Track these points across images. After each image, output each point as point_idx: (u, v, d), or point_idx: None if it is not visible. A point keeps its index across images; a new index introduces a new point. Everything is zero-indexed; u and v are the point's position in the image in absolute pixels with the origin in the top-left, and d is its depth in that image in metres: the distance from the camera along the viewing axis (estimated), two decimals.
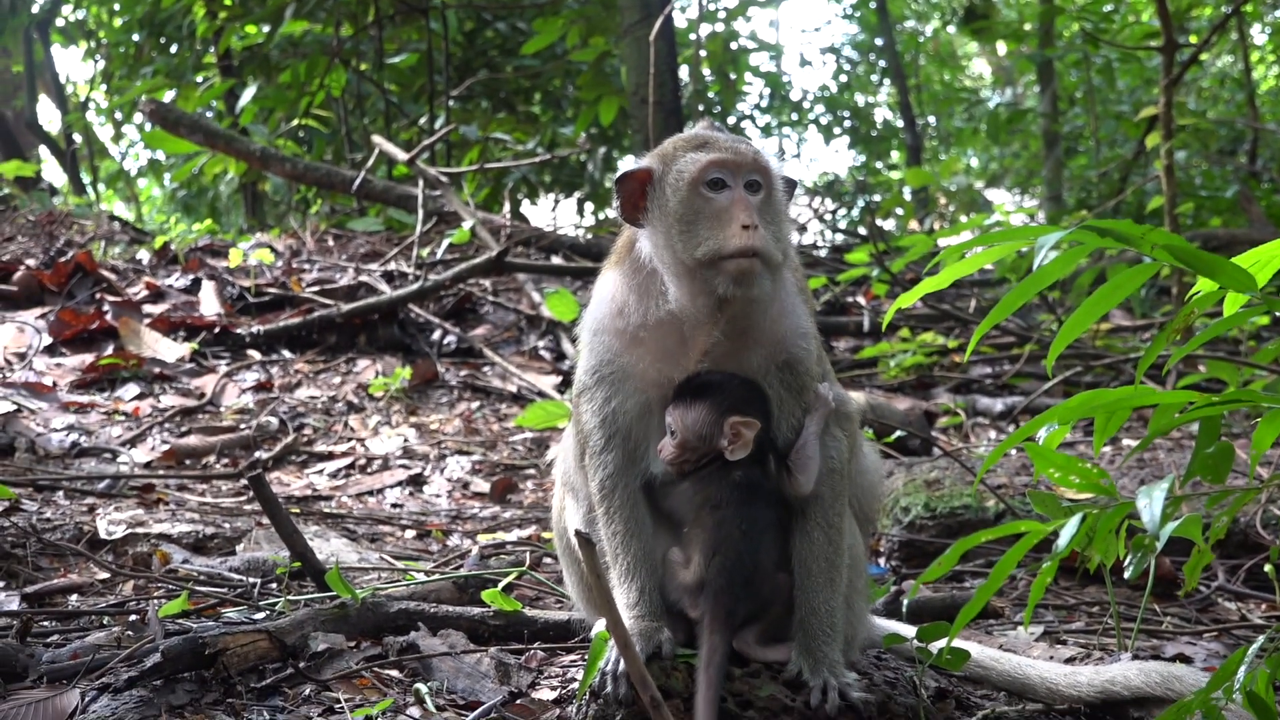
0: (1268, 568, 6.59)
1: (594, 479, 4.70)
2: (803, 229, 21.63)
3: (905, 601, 5.79)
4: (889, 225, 26.88)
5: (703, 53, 30.31)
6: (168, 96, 23.34)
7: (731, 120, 33.27)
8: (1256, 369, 9.16)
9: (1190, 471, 3.56)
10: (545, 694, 5.15)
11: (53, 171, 30.01)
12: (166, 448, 10.02)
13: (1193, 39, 16.55)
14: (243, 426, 10.76)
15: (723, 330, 4.57)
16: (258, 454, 10.16)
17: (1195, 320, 3.51)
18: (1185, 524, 3.67)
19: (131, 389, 11.54)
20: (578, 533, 3.91)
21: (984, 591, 3.49)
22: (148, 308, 13.71)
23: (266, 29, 23.13)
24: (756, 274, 4.45)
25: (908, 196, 29.13)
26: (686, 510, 4.58)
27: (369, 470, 10.13)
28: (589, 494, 4.78)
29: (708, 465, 4.57)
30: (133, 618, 5.89)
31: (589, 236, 18.58)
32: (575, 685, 5.00)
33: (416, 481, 9.93)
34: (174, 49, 25.61)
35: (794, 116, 37.67)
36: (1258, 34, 28.66)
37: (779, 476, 4.60)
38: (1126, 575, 3.63)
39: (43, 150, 30.46)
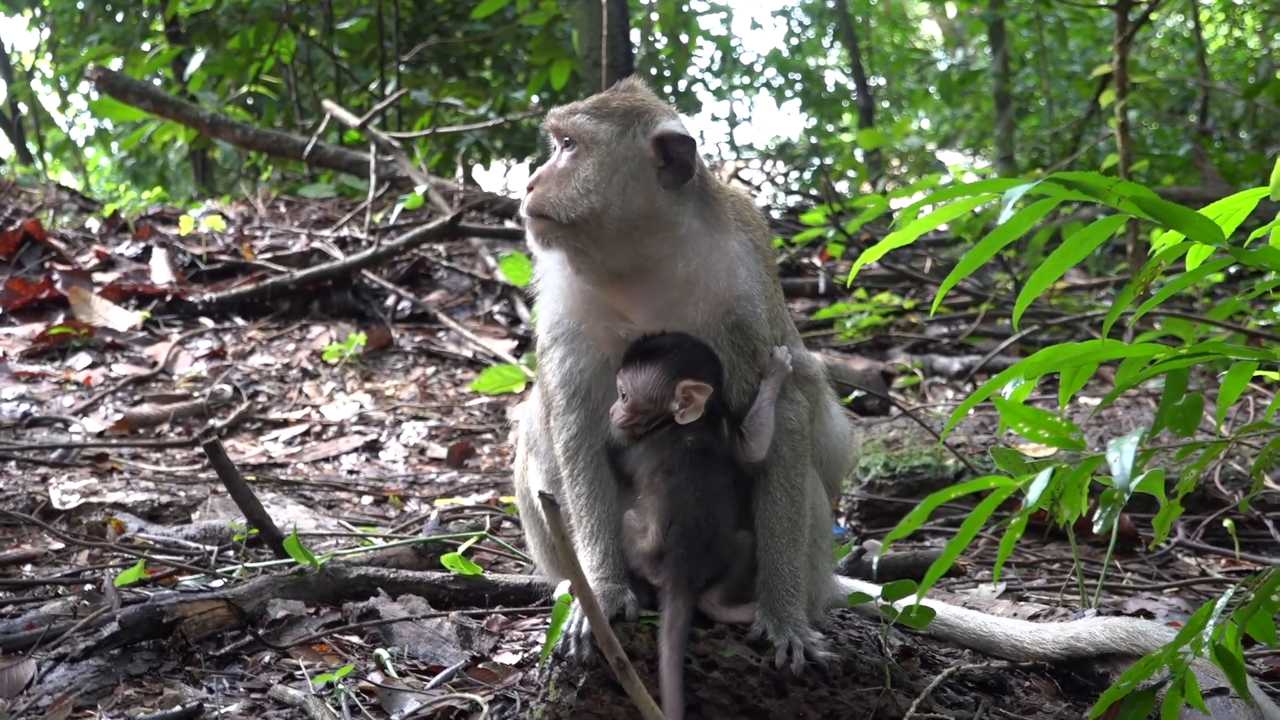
0: (1227, 523, 6.62)
1: (558, 440, 4.68)
2: (756, 191, 21.62)
3: (875, 560, 5.77)
4: (842, 187, 26.88)
5: (654, 16, 30.25)
6: (115, 64, 23.16)
7: (683, 84, 33.23)
8: (1212, 325, 9.18)
9: (1158, 424, 3.55)
10: (507, 658, 5.14)
11: None
12: (119, 417, 9.96)
13: None
14: (196, 395, 10.70)
15: (620, 290, 4.60)
16: (212, 422, 10.10)
17: (1156, 278, 3.50)
18: (1149, 479, 3.66)
19: (83, 358, 11.47)
20: (541, 494, 3.88)
21: (953, 548, 3.46)
22: (98, 276, 13.62)
23: None
24: (540, 233, 4.54)
25: (860, 158, 29.16)
26: (641, 475, 4.55)
27: (324, 437, 10.08)
28: (553, 455, 4.75)
29: (659, 429, 4.53)
30: (88, 587, 5.86)
31: None
32: (538, 648, 4.99)
33: (373, 447, 9.88)
34: (120, 16, 25.43)
35: (745, 79, 37.70)
36: None
37: (732, 442, 4.57)
38: (1096, 530, 3.61)
39: None
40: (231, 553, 6.55)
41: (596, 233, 4.50)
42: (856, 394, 9.55)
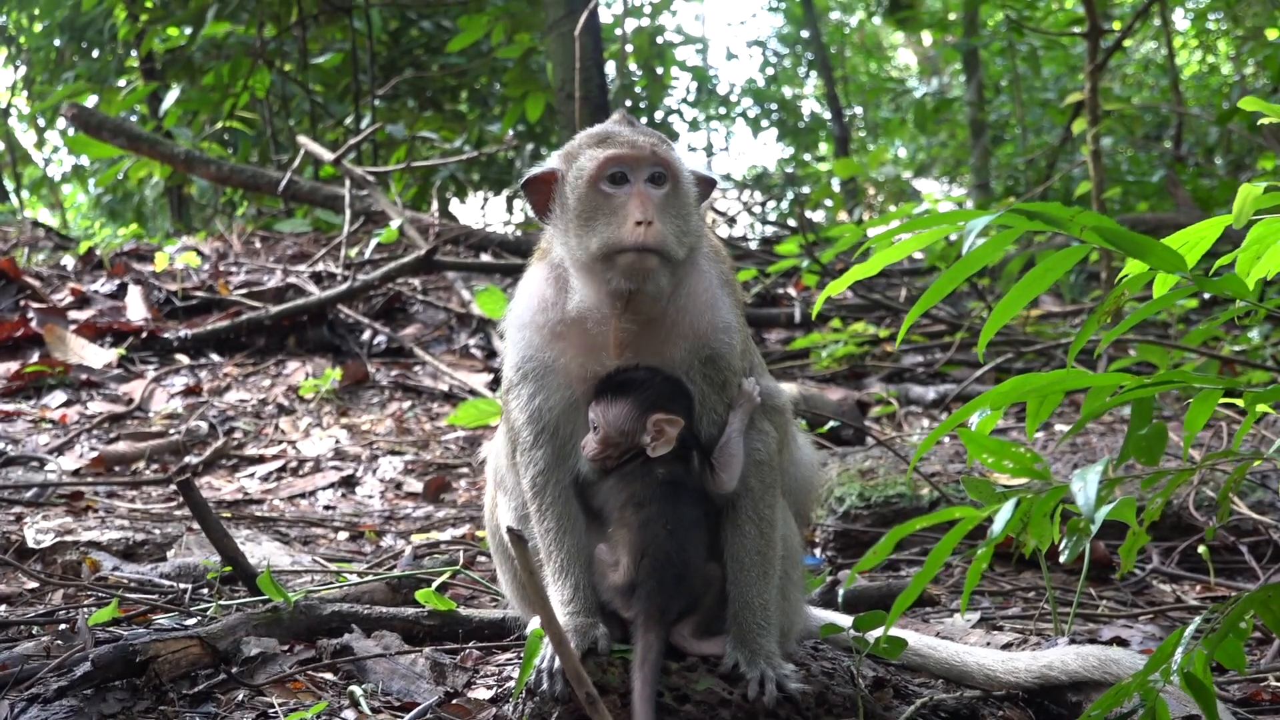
0: (1201, 549, 6.64)
1: (525, 476, 4.67)
2: (732, 221, 21.64)
3: (841, 591, 5.78)
4: (818, 217, 26.96)
5: (629, 47, 30.33)
6: (90, 101, 23.14)
7: (659, 115, 33.29)
8: (1186, 352, 9.20)
9: (1124, 453, 3.55)
10: (481, 693, 5.12)
11: None
12: (95, 455, 9.93)
13: (1116, 25, 16.63)
14: (172, 431, 10.67)
15: (632, 325, 4.57)
16: (187, 459, 10.07)
17: (1125, 304, 3.51)
18: (1120, 507, 3.67)
19: (58, 396, 11.44)
20: (510, 530, 3.88)
21: (920, 578, 3.47)
22: (73, 314, 13.59)
23: (189, 31, 22.98)
24: (651, 269, 4.43)
25: (836, 188, 29.21)
26: (612, 508, 4.56)
27: (300, 472, 10.06)
28: (521, 491, 4.75)
29: (630, 462, 4.55)
30: (62, 626, 5.82)
31: (518, 234, 18.55)
32: (511, 684, 4.97)
33: (349, 483, 9.86)
34: (96, 53, 25.46)
35: (721, 110, 37.81)
36: (1180, 20, 28.87)
37: (702, 474, 4.59)
38: (1062, 559, 3.62)
39: None
40: (206, 590, 6.53)
41: (678, 269, 4.54)
42: (832, 424, 9.56)
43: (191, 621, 5.73)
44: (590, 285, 4.54)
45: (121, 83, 24.31)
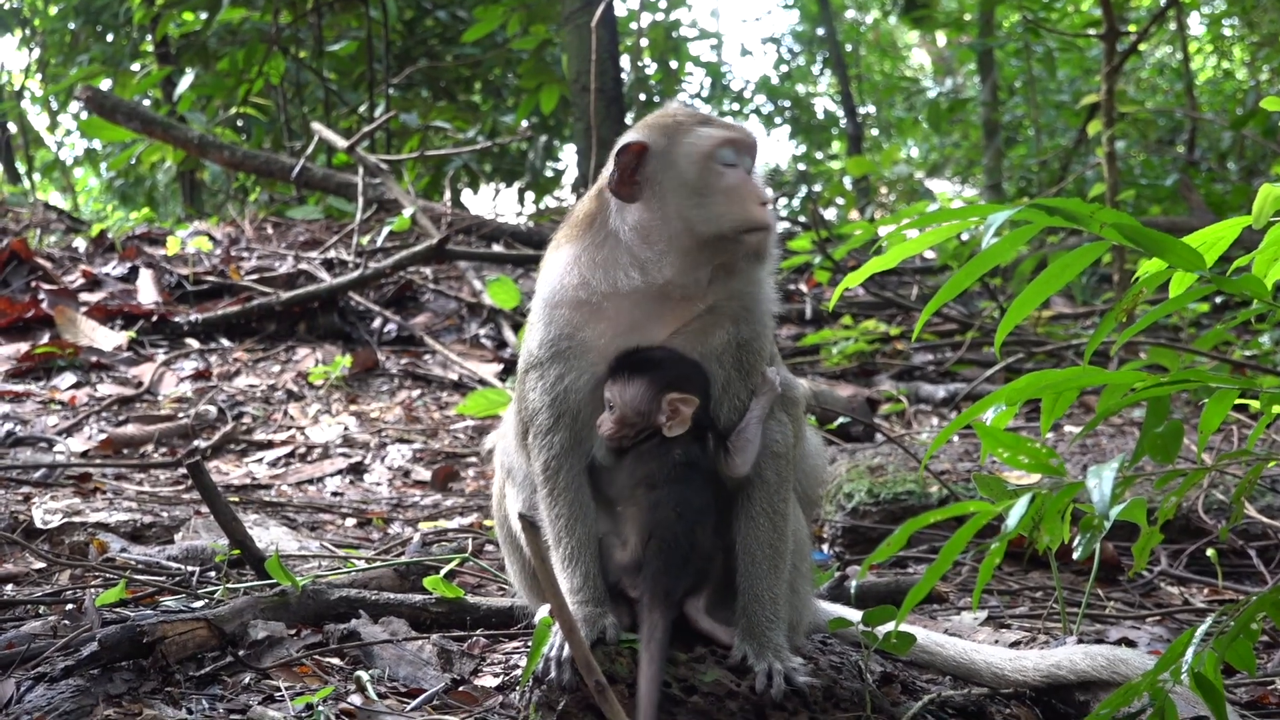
0: (1210, 552, 6.63)
1: (538, 460, 4.66)
2: None
3: (853, 585, 5.77)
4: (830, 214, 26.90)
5: (644, 41, 30.33)
6: (104, 84, 23.13)
7: None
8: (1197, 355, 9.19)
9: (1139, 451, 3.54)
10: (488, 681, 5.12)
11: None
12: (104, 437, 9.92)
13: (1132, 28, 16.59)
14: (181, 415, 10.66)
15: (724, 301, 4.65)
16: (196, 443, 10.07)
17: (1139, 305, 3.50)
18: (1130, 507, 3.66)
19: (68, 378, 11.43)
20: (521, 516, 3.88)
21: (932, 573, 3.46)
22: (84, 296, 13.58)
23: (204, 16, 22.94)
24: (769, 249, 4.58)
25: (849, 186, 29.19)
26: (624, 487, 4.56)
27: (309, 459, 10.05)
28: (530, 477, 4.75)
29: (645, 442, 4.55)
30: (69, 607, 5.82)
31: (530, 224, 18.55)
32: (518, 672, 4.97)
33: (357, 470, 9.85)
34: (110, 36, 25.46)
35: (735, 106, 37.69)
36: (1195, 24, 28.83)
37: (717, 457, 4.59)
38: (1076, 556, 3.60)
39: None
40: (213, 573, 6.53)
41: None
42: (842, 420, 9.56)
43: (199, 604, 5.73)
44: (691, 262, 4.59)
45: (136, 67, 24.27)
